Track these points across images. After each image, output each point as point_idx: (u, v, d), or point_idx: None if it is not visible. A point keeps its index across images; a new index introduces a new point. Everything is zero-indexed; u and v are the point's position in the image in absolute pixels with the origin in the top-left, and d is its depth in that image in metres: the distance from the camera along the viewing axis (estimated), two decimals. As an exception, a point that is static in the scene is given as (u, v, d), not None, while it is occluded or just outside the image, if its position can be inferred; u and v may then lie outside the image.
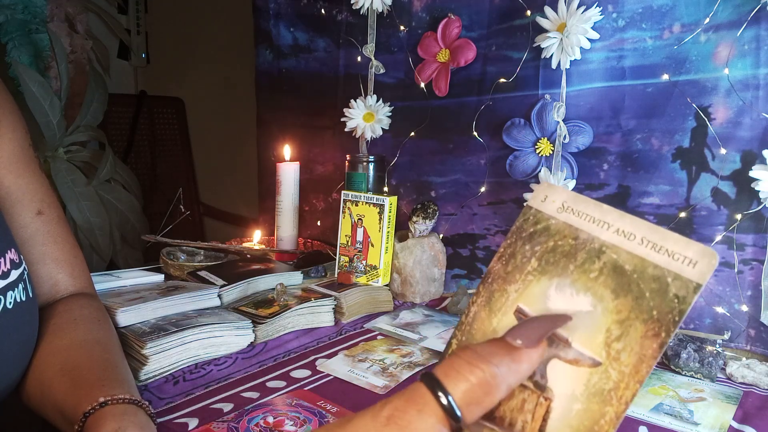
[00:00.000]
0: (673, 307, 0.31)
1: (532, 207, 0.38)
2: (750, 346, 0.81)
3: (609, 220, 0.35)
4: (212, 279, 0.95)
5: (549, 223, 0.37)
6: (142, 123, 2.34)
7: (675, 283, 0.31)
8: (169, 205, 1.26)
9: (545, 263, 0.36)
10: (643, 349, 0.31)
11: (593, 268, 0.34)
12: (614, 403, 0.31)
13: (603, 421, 0.31)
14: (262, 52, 1.39)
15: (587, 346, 0.33)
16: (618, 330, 0.32)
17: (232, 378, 0.73)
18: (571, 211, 0.36)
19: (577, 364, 0.33)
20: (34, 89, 1.44)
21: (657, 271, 0.32)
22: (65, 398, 0.54)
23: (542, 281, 0.36)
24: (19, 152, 0.66)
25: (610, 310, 0.33)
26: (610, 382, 0.31)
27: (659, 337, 0.31)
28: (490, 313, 0.37)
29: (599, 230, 0.35)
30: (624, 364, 0.31)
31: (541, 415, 0.33)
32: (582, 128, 0.92)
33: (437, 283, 1.07)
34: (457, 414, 0.30)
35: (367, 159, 1.15)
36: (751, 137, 0.79)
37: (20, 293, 0.57)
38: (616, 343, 0.32)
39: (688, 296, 0.31)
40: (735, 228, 0.81)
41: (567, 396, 0.32)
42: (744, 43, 0.78)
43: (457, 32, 1.05)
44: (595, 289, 0.34)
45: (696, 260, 0.31)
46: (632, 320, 0.32)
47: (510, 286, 0.37)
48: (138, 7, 2.40)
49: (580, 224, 0.36)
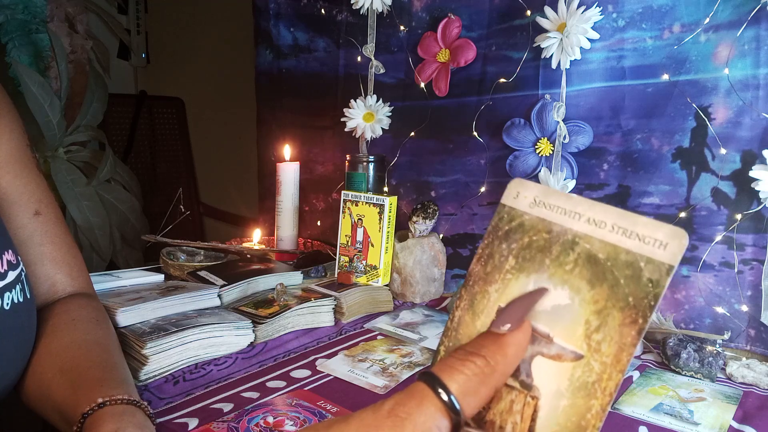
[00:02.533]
0: (648, 291, 0.31)
1: (506, 205, 0.38)
2: (750, 346, 0.81)
3: (580, 210, 0.34)
4: (212, 279, 0.95)
5: (523, 219, 0.37)
6: (142, 123, 2.34)
7: (648, 267, 0.31)
8: (169, 205, 1.26)
9: (522, 260, 0.36)
10: (623, 338, 0.31)
11: (568, 260, 0.34)
12: (599, 396, 0.31)
13: (589, 415, 0.31)
14: (262, 52, 1.39)
15: (568, 340, 0.33)
16: (596, 320, 0.32)
17: (232, 378, 0.73)
18: (543, 206, 0.36)
19: (560, 359, 0.33)
20: (34, 89, 1.44)
21: (629, 256, 0.32)
22: (64, 399, 0.54)
23: (521, 279, 0.36)
24: (16, 153, 0.66)
25: (587, 301, 0.33)
26: (593, 374, 0.31)
27: (637, 324, 0.31)
28: (473, 316, 0.37)
29: (571, 221, 0.35)
30: (605, 354, 0.31)
31: (530, 415, 0.33)
32: (582, 128, 0.92)
33: (437, 283, 1.07)
34: (456, 407, 0.31)
35: (367, 159, 1.15)
36: (751, 137, 0.79)
37: (18, 294, 0.57)
38: (596, 334, 0.32)
39: (661, 279, 0.31)
40: (735, 228, 0.81)
41: (553, 393, 0.32)
42: (744, 43, 0.78)
43: (457, 32, 1.05)
44: (571, 281, 0.34)
45: (666, 242, 0.31)
46: (609, 309, 0.32)
47: (490, 287, 0.37)
48: (138, 7, 2.40)
49: (553, 217, 0.36)
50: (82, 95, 1.67)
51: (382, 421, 0.31)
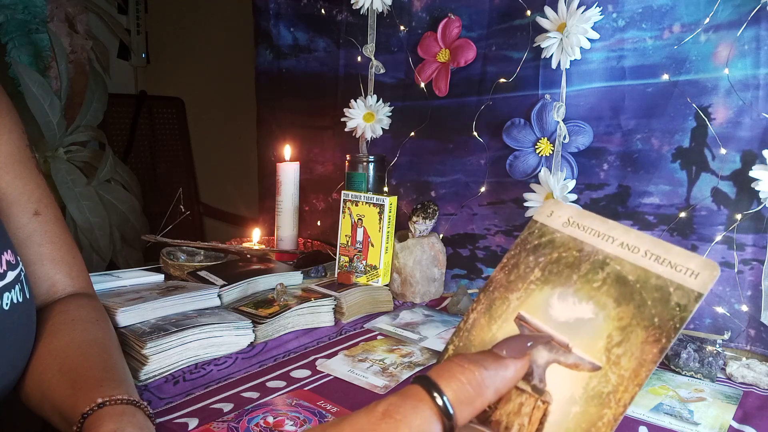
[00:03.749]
0: (675, 314, 0.32)
1: (538, 221, 0.40)
2: (750, 346, 0.81)
3: (614, 234, 0.36)
4: (212, 279, 0.95)
5: (554, 236, 0.38)
6: (142, 123, 2.34)
7: (677, 292, 0.32)
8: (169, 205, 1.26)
9: (548, 273, 0.37)
10: (644, 354, 0.32)
11: (597, 278, 0.35)
12: (612, 406, 0.32)
13: (600, 423, 0.32)
14: (262, 52, 1.39)
15: (587, 352, 0.33)
16: (619, 336, 0.33)
17: (232, 378, 0.73)
18: (576, 226, 0.38)
19: (576, 369, 0.33)
20: (34, 89, 1.44)
21: (660, 281, 0.33)
22: (64, 399, 0.54)
23: (545, 290, 0.37)
24: (16, 153, 0.66)
25: (611, 317, 0.34)
26: (609, 385, 0.32)
27: (660, 343, 0.32)
28: (490, 320, 0.38)
29: (604, 243, 0.36)
30: (624, 368, 0.32)
31: (538, 419, 0.33)
32: (582, 128, 0.91)
33: (437, 283, 1.07)
34: (450, 412, 0.31)
35: (367, 159, 1.15)
36: (751, 137, 0.79)
37: (17, 294, 0.57)
38: (617, 349, 0.33)
39: (689, 304, 0.32)
40: (735, 228, 0.81)
41: (565, 399, 0.33)
42: (744, 43, 0.78)
43: (457, 32, 1.05)
44: (597, 297, 0.35)
45: (698, 272, 0.32)
46: (633, 327, 0.33)
47: (512, 294, 0.38)
48: (138, 7, 2.40)
49: (585, 237, 0.37)
50: (82, 95, 1.67)
51: (376, 423, 0.30)
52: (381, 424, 0.30)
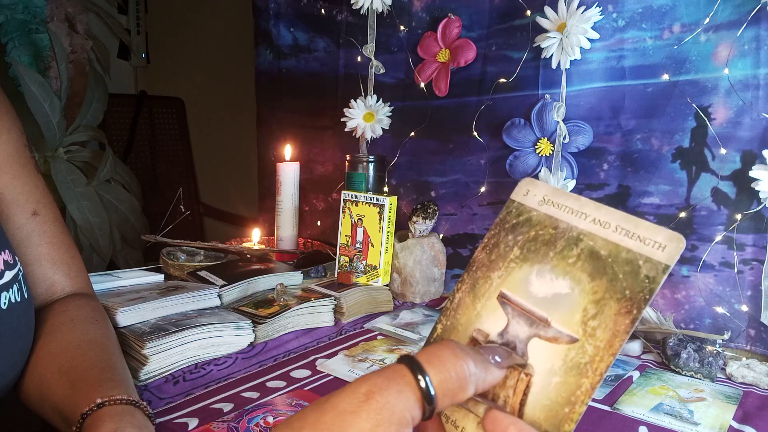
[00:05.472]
0: (644, 286, 0.33)
1: (515, 200, 0.41)
2: (750, 346, 0.81)
3: (586, 210, 0.37)
4: (212, 279, 0.95)
5: (531, 214, 0.40)
6: (142, 123, 2.34)
7: (646, 265, 0.34)
8: (169, 205, 1.26)
9: (527, 251, 0.39)
10: (617, 325, 0.33)
11: (571, 254, 0.37)
12: (590, 375, 0.33)
13: (579, 392, 0.33)
14: (262, 52, 1.39)
15: (565, 325, 0.35)
16: (594, 309, 0.35)
17: (232, 378, 0.73)
18: (551, 204, 0.39)
19: (556, 342, 0.35)
20: (34, 89, 1.44)
21: (629, 255, 0.34)
22: (63, 399, 0.54)
23: (524, 268, 0.38)
24: (14, 153, 0.66)
25: (586, 291, 0.35)
26: (586, 356, 0.34)
27: (631, 314, 0.33)
28: (474, 298, 0.40)
29: (577, 220, 0.37)
30: (599, 339, 0.34)
31: (522, 390, 0.35)
32: (582, 128, 0.91)
33: (437, 283, 1.07)
34: (431, 395, 0.31)
35: (367, 159, 1.15)
36: (751, 137, 0.79)
37: (15, 294, 0.57)
38: (592, 321, 0.34)
39: (657, 276, 0.33)
40: (735, 228, 0.81)
41: (546, 371, 0.35)
42: (744, 43, 0.78)
43: (457, 32, 1.05)
44: (573, 273, 0.36)
45: (665, 244, 0.33)
46: (607, 300, 0.34)
47: (493, 273, 0.39)
48: (138, 7, 2.40)
49: (560, 215, 0.38)
50: (82, 95, 1.66)
51: (358, 405, 0.29)
52: (363, 407, 0.29)
